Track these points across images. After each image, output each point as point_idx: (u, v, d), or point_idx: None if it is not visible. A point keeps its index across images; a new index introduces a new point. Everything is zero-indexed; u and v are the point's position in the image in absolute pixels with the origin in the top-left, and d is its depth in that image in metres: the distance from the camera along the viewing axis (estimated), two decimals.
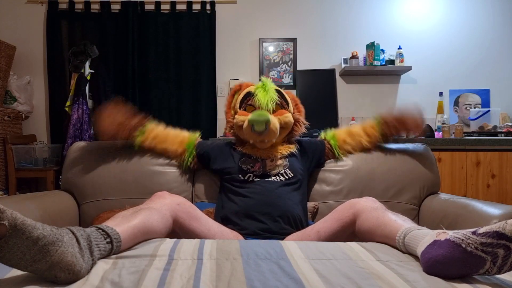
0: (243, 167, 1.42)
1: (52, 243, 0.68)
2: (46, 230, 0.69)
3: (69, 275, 0.68)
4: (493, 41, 3.10)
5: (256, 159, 1.45)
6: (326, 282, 0.72)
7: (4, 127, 2.73)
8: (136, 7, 3.00)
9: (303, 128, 1.60)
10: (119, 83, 2.99)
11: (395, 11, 3.12)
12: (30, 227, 0.67)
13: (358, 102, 3.14)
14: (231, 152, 1.52)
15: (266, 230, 1.25)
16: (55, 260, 0.67)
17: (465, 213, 1.33)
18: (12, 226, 0.65)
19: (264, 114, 1.38)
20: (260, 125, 1.37)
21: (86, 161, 1.66)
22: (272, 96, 1.48)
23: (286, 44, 3.10)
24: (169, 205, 1.07)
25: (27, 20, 3.07)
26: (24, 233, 0.66)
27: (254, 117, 1.38)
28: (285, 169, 1.43)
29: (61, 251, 0.68)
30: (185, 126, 2.95)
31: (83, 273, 0.70)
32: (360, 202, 1.11)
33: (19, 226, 0.66)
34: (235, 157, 1.48)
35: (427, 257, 0.77)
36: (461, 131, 2.59)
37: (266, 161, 1.43)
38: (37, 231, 0.67)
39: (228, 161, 1.48)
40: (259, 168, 1.41)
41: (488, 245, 0.70)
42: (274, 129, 1.41)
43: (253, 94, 1.49)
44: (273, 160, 1.44)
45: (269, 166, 1.42)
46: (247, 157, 1.46)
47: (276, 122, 1.43)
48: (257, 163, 1.43)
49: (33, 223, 0.68)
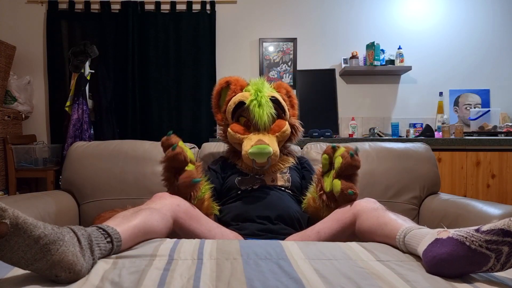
0: (242, 188, 1.39)
1: (53, 242, 0.68)
2: (47, 229, 0.69)
3: (69, 274, 0.68)
4: (493, 41, 3.10)
5: (254, 178, 1.41)
6: (326, 282, 0.72)
7: (4, 127, 2.73)
8: (136, 7, 3.00)
9: (300, 135, 1.54)
10: (119, 83, 2.99)
11: (395, 11, 3.12)
12: (32, 226, 0.67)
13: (358, 102, 3.14)
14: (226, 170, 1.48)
15: (266, 230, 1.25)
16: (56, 259, 0.67)
17: (465, 213, 1.33)
18: (13, 224, 0.65)
19: (266, 148, 1.30)
20: (262, 159, 1.32)
21: (86, 161, 1.66)
22: (268, 112, 1.38)
23: (286, 44, 3.10)
24: (170, 205, 1.07)
25: (27, 20, 3.07)
26: (25, 232, 0.66)
27: (255, 151, 1.30)
28: (287, 183, 1.42)
29: (62, 250, 0.68)
30: (185, 126, 3.00)
31: (83, 272, 0.70)
32: (361, 203, 1.11)
33: (21, 225, 0.66)
34: (233, 175, 1.44)
35: (430, 255, 0.77)
36: (461, 131, 2.59)
37: (265, 180, 1.41)
38: (38, 230, 0.67)
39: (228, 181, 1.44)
40: (259, 186, 1.39)
41: (493, 242, 0.70)
42: (275, 157, 1.36)
43: (246, 106, 1.39)
44: (274, 181, 1.41)
45: (269, 185, 1.40)
46: (244, 176, 1.42)
47: (276, 145, 1.37)
48: (257, 182, 1.40)
49: (35, 222, 0.68)
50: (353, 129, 2.96)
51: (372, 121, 3.12)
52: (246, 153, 1.34)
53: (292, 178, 1.43)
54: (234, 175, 1.44)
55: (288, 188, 1.41)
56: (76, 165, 1.66)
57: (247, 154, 1.33)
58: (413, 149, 1.71)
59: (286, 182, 1.41)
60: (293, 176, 1.45)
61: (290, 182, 1.42)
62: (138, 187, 1.62)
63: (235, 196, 1.38)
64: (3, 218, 0.65)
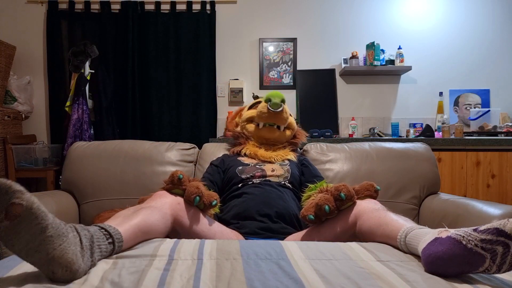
0: (243, 176, 1.44)
1: (57, 236, 0.68)
2: (55, 223, 0.70)
3: (65, 272, 0.68)
4: (493, 41, 3.10)
5: (255, 167, 1.47)
6: (326, 282, 0.72)
7: (4, 127, 2.73)
8: (136, 7, 3.00)
9: (304, 138, 1.72)
10: (119, 83, 2.99)
11: (395, 11, 3.12)
12: (43, 214, 0.68)
13: (358, 102, 3.14)
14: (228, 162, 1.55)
15: (266, 229, 1.25)
16: (57, 254, 0.67)
17: (465, 213, 1.33)
18: (28, 208, 0.66)
19: (279, 94, 1.55)
20: (277, 100, 1.51)
21: (86, 161, 1.66)
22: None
23: (286, 44, 3.10)
24: (170, 204, 1.07)
25: (27, 20, 3.07)
26: (36, 218, 0.67)
27: (272, 93, 1.54)
28: (286, 173, 1.46)
29: (63, 247, 0.68)
30: (185, 126, 3.00)
31: (80, 273, 0.70)
32: (362, 204, 1.11)
33: (34, 210, 0.67)
34: (234, 165, 1.50)
35: (427, 253, 0.77)
36: (461, 131, 2.59)
37: (265, 170, 1.45)
38: (48, 220, 0.68)
39: (229, 172, 1.49)
40: (260, 176, 1.43)
41: (488, 241, 0.70)
42: (286, 112, 1.56)
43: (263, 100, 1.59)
44: (274, 170, 1.46)
45: (269, 175, 1.44)
46: (245, 165, 1.49)
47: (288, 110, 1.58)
48: (257, 172, 1.44)
49: (47, 212, 0.69)
50: (353, 129, 2.96)
51: (372, 121, 3.12)
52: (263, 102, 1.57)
53: (291, 170, 1.48)
54: (235, 165, 1.49)
55: (287, 179, 1.44)
56: (76, 165, 1.66)
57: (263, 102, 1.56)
58: (413, 149, 1.71)
59: (285, 173, 1.46)
60: (293, 168, 1.50)
61: (289, 173, 1.46)
62: (138, 187, 1.62)
63: (236, 190, 1.39)
64: (21, 200, 0.66)
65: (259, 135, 1.61)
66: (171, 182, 1.14)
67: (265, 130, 1.59)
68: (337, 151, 1.74)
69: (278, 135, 1.59)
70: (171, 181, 1.14)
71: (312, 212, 1.13)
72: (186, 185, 1.13)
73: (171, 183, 1.14)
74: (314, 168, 1.58)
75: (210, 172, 1.51)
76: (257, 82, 3.12)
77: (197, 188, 1.12)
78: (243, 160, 1.53)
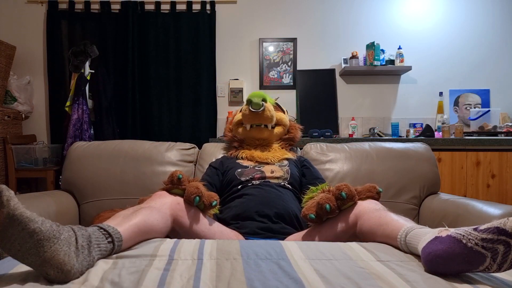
0: (242, 179, 1.43)
1: (48, 239, 0.69)
2: (44, 225, 0.70)
3: (58, 273, 0.68)
4: (493, 41, 3.10)
5: (254, 169, 1.47)
6: (326, 282, 0.72)
7: (4, 127, 2.73)
8: (136, 7, 3.00)
9: (299, 133, 1.71)
10: (119, 83, 2.99)
11: (395, 11, 3.12)
12: (27, 220, 0.68)
13: (358, 102, 3.14)
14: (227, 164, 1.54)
15: (266, 229, 1.25)
16: (48, 256, 0.68)
17: (465, 213, 1.33)
18: (10, 215, 0.67)
19: (261, 93, 1.56)
20: (257, 100, 1.51)
21: (86, 161, 1.66)
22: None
23: (286, 44, 3.10)
24: (170, 204, 1.07)
25: (27, 20, 3.07)
26: (20, 224, 0.68)
27: (252, 94, 1.56)
28: (286, 175, 1.45)
29: (54, 248, 0.69)
30: (185, 126, 3.00)
31: (73, 273, 0.70)
32: (362, 204, 1.11)
33: (16, 217, 0.68)
34: (233, 168, 1.50)
35: (427, 251, 0.77)
36: (461, 131, 2.59)
37: (265, 172, 1.45)
38: (35, 224, 0.69)
39: (228, 174, 1.49)
40: (259, 178, 1.43)
41: (488, 240, 0.70)
42: (270, 110, 1.55)
43: None
44: (273, 172, 1.46)
45: (269, 176, 1.44)
46: (243, 168, 1.48)
47: (272, 108, 1.57)
48: (257, 174, 1.44)
49: (32, 216, 0.69)
50: (353, 129, 2.96)
51: (372, 121, 3.12)
52: (244, 104, 1.59)
53: (291, 171, 1.48)
54: (234, 168, 1.49)
55: (287, 180, 1.44)
56: (76, 165, 1.66)
57: (245, 104, 1.58)
58: (413, 149, 1.71)
59: (285, 174, 1.45)
60: (292, 169, 1.49)
61: (289, 174, 1.46)
62: (138, 187, 1.62)
63: (236, 192, 1.39)
64: (1, 207, 0.67)
65: (249, 137, 1.62)
66: (170, 182, 1.14)
67: (253, 131, 1.59)
68: (337, 151, 1.74)
69: (267, 134, 1.60)
70: (170, 181, 1.14)
71: (313, 211, 1.13)
72: (186, 185, 1.13)
73: (170, 183, 1.14)
74: (315, 169, 1.58)
75: (209, 174, 1.51)
76: (257, 82, 3.12)
77: (197, 188, 1.12)
78: (242, 163, 1.53)
